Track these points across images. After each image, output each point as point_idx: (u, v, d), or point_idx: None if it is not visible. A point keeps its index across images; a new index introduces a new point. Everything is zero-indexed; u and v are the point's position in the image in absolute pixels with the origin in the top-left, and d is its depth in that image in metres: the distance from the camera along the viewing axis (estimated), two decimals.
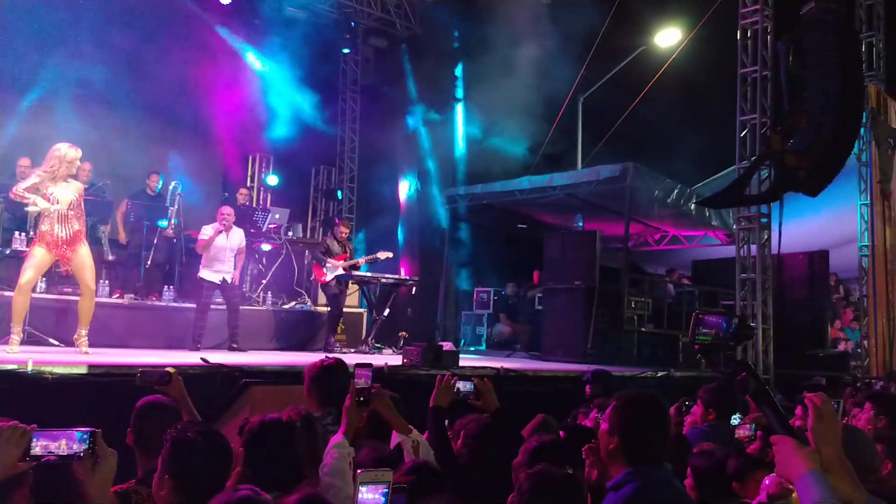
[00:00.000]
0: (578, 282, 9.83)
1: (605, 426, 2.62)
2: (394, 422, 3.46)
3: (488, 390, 3.80)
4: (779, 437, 1.96)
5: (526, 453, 3.05)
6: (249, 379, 5.74)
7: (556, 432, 3.96)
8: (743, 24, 10.43)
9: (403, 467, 2.93)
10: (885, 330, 11.79)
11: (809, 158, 9.68)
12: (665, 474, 2.58)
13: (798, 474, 1.87)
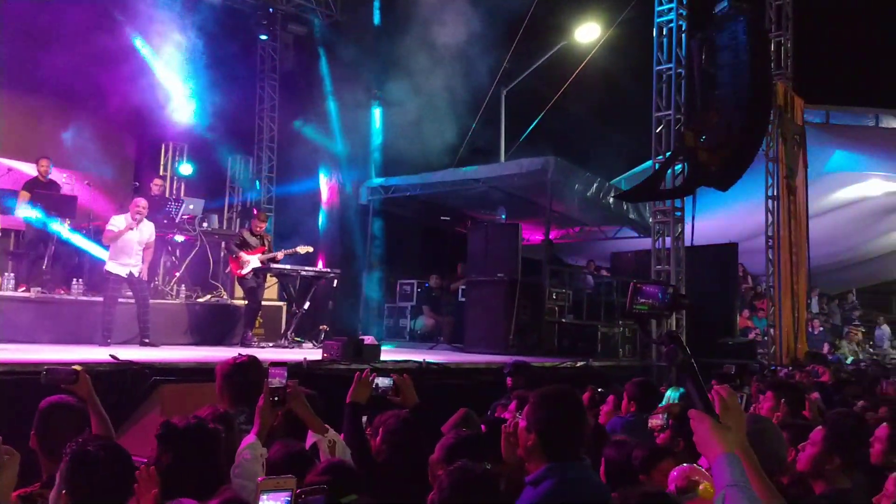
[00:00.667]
0: (501, 274, 9.91)
1: (522, 423, 2.63)
2: (309, 421, 3.39)
3: (407, 386, 3.76)
4: (697, 413, 1.98)
5: (443, 450, 3.03)
6: (160, 377, 5.51)
7: (478, 426, 3.96)
8: (659, 22, 10.68)
9: (318, 467, 2.86)
10: (791, 319, 12.37)
11: (720, 154, 10.04)
12: (583, 469, 2.61)
13: (714, 455, 1.90)
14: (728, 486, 1.82)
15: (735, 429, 2.01)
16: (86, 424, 3.26)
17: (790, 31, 12.95)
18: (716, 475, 1.88)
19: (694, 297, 11.53)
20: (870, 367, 12.29)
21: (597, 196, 11.83)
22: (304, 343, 9.41)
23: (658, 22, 10.68)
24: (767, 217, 12.56)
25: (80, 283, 8.62)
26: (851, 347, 17.68)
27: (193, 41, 11.58)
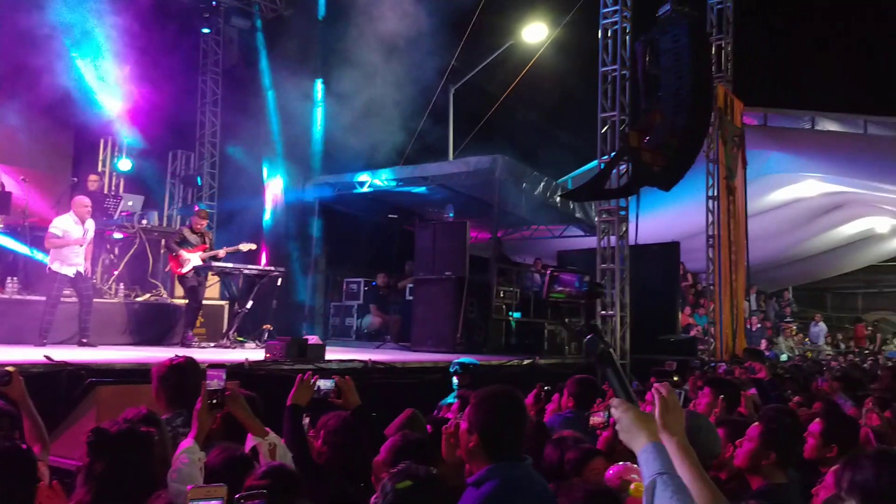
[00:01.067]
0: (448, 272, 9.89)
1: (464, 425, 2.62)
2: (249, 424, 3.32)
3: (349, 388, 3.72)
4: (620, 402, 1.99)
5: (388, 451, 3.01)
6: (96, 378, 5.33)
7: (424, 427, 3.94)
8: (604, 23, 10.79)
9: (258, 471, 2.80)
10: (730, 316, 12.69)
11: (663, 155, 10.22)
12: (525, 469, 2.61)
13: (639, 445, 1.91)
14: (657, 474, 1.83)
15: (675, 425, 2.03)
16: (17, 428, 3.15)
17: (730, 35, 13.28)
18: (643, 464, 1.89)
19: (638, 295, 11.73)
20: (805, 363, 12.70)
21: (544, 195, 11.93)
22: (246, 343, 9.24)
23: (603, 24, 10.80)
24: (708, 216, 12.86)
25: (16, 281, 8.39)
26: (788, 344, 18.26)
27: (134, 34, 11.26)
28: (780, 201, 17.37)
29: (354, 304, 12.25)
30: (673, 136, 10.20)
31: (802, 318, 23.21)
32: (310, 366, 6.35)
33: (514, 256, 15.12)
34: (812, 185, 17.06)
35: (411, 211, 13.51)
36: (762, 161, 14.56)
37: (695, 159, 10.79)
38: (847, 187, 16.99)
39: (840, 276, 28.23)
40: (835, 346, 21.91)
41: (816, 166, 15.73)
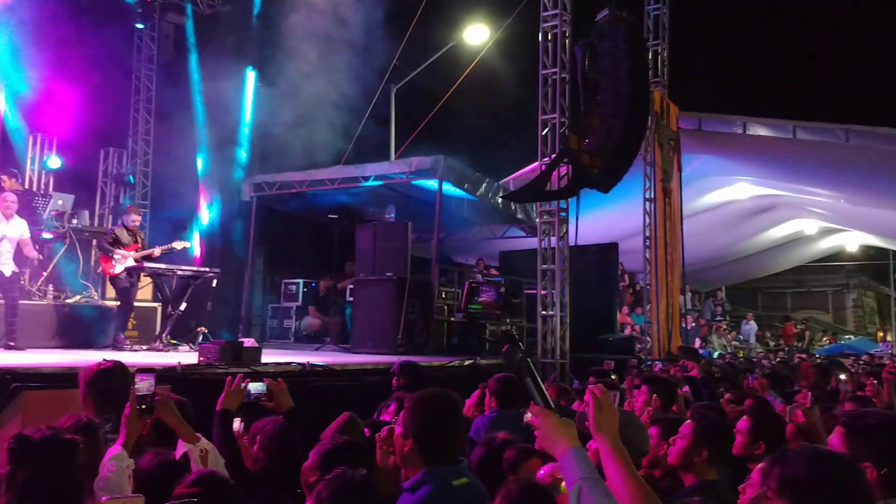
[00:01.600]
0: (390, 273, 9.84)
1: (398, 429, 2.59)
2: (179, 430, 3.26)
3: (281, 391, 3.66)
4: (540, 409, 2.01)
5: (317, 456, 2.97)
6: (22, 383, 5.13)
7: (362, 430, 3.91)
8: (544, 27, 10.91)
9: (188, 478, 2.73)
10: (665, 315, 12.98)
11: (602, 157, 10.40)
12: (460, 471, 2.60)
13: (560, 451, 1.93)
14: (582, 479, 1.86)
15: (608, 426, 2.06)
16: None
17: (666, 41, 13.59)
18: (565, 469, 1.91)
19: (577, 295, 11.90)
20: (737, 361, 13.08)
21: (486, 196, 11.98)
22: (180, 346, 9.03)
23: (543, 27, 10.91)
24: (645, 218, 13.12)
25: None
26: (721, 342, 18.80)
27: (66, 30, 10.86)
28: (714, 203, 17.87)
29: (293, 305, 12.06)
30: (611, 139, 10.39)
31: (735, 317, 23.94)
32: (245, 369, 6.24)
33: (457, 257, 15.17)
34: (744, 188, 17.60)
35: (352, 211, 13.38)
36: (697, 164, 14.94)
37: (632, 162, 11.01)
38: (777, 190, 17.59)
39: (770, 276, 29.28)
40: (765, 344, 22.68)
41: (748, 170, 16.22)
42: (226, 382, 3.60)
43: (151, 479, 2.88)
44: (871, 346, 24.33)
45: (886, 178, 14.31)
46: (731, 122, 14.39)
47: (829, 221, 21.36)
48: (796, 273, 31.44)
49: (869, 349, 22.76)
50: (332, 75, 10.87)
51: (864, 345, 24.87)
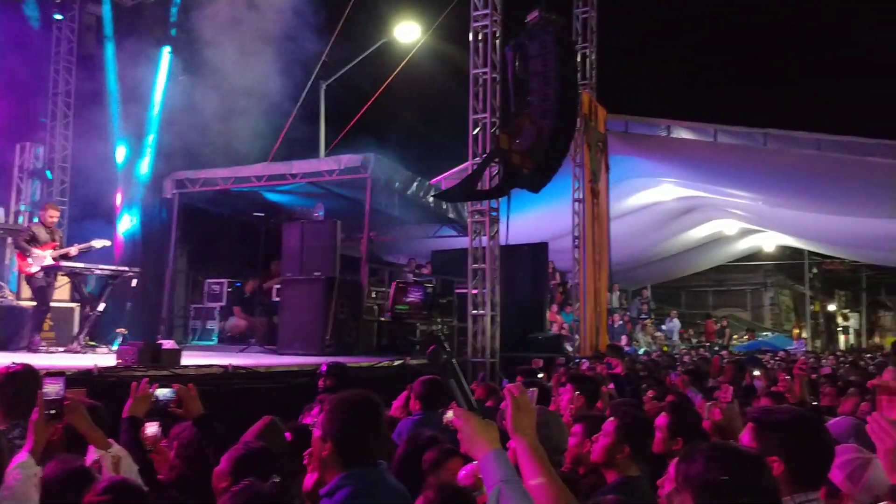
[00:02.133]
0: (318, 272, 9.67)
1: (317, 433, 2.53)
2: (90, 436, 3.14)
3: (191, 397, 3.55)
4: (462, 411, 2.00)
5: (229, 461, 2.89)
6: None
7: (283, 435, 3.81)
8: (474, 26, 10.93)
9: (98, 486, 2.61)
10: (593, 314, 13.23)
11: (532, 158, 10.50)
12: (379, 473, 2.56)
13: (481, 454, 1.92)
14: (502, 482, 1.86)
15: (526, 426, 2.06)
16: None
17: (594, 44, 13.84)
18: (486, 472, 1.91)
19: (508, 294, 11.99)
20: (661, 357, 13.43)
21: (417, 194, 11.93)
22: (98, 348, 8.66)
23: (473, 27, 10.94)
24: (574, 218, 13.34)
25: None
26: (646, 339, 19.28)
27: None
28: (640, 205, 18.33)
29: (217, 305, 11.73)
30: (541, 139, 10.49)
31: (660, 315, 24.61)
32: (164, 372, 6.05)
33: (388, 256, 15.08)
34: (668, 189, 18.11)
35: (279, 209, 13.11)
36: (623, 166, 15.28)
37: (562, 163, 11.15)
38: (699, 192, 18.17)
39: (693, 276, 30.26)
40: (688, 341, 23.39)
41: (672, 172, 16.69)
42: (131, 388, 3.48)
43: (59, 487, 2.73)
44: (786, 343, 25.44)
45: (801, 180, 14.97)
46: (656, 125, 14.77)
47: (747, 222, 22.21)
48: (717, 272, 32.63)
49: (785, 346, 23.80)
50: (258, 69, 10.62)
51: (780, 342, 26.00)
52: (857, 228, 18.41)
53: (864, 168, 13.36)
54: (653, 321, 20.93)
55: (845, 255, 29.30)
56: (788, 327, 36.71)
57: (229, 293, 11.72)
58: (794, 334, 33.82)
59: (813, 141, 13.24)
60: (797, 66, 50.16)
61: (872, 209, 16.37)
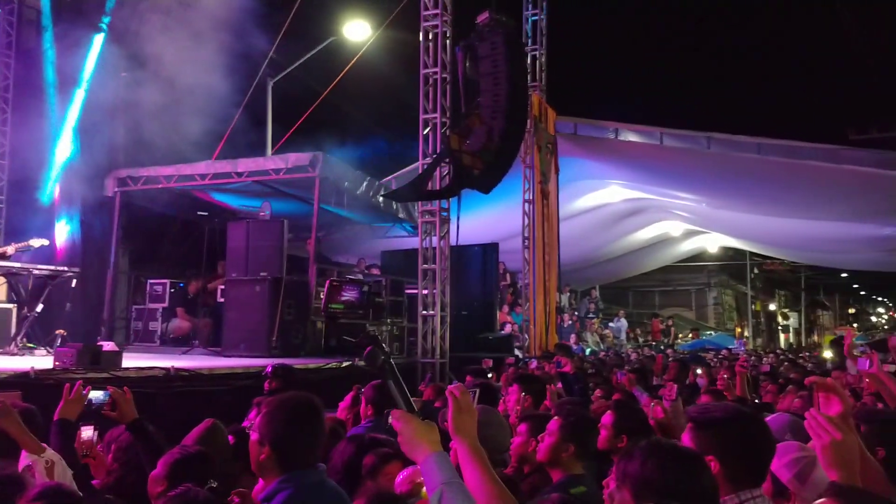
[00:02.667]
0: (264, 273, 9.51)
1: (254, 436, 2.48)
2: (22, 440, 3.08)
3: (125, 401, 3.45)
4: (402, 413, 1.98)
5: (164, 466, 2.81)
6: None
7: (225, 438, 3.74)
8: (425, 26, 10.91)
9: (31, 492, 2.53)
10: (543, 314, 13.34)
11: (482, 158, 10.52)
12: (318, 476, 2.53)
13: (422, 457, 1.90)
14: (444, 485, 1.85)
15: (467, 427, 2.05)
16: None
17: (544, 47, 13.97)
18: (426, 474, 1.90)
19: (458, 295, 12.00)
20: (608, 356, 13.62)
21: (367, 194, 11.84)
22: (36, 350, 8.38)
23: (424, 26, 10.92)
24: (524, 219, 13.44)
25: None
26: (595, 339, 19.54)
27: None
28: (589, 206, 18.57)
29: (159, 307, 11.43)
30: (491, 140, 10.52)
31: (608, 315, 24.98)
32: (104, 374, 5.90)
33: (337, 256, 14.93)
34: (616, 191, 18.38)
35: (224, 208, 12.86)
36: (573, 168, 15.45)
37: (512, 164, 11.21)
38: (645, 194, 18.49)
39: (640, 276, 30.83)
40: (634, 341, 23.80)
41: (620, 174, 16.95)
42: (64, 390, 3.40)
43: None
44: (729, 342, 26.13)
45: (743, 183, 15.35)
46: (604, 128, 14.97)
47: (692, 224, 22.71)
48: (663, 273, 33.31)
49: (727, 344, 24.43)
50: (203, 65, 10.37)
51: (723, 340, 26.69)
52: (797, 230, 18.99)
53: (802, 171, 13.77)
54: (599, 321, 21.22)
55: (785, 256, 30.21)
56: (731, 326, 37.71)
57: (172, 294, 11.42)
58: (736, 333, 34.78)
59: (754, 145, 13.58)
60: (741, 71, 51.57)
61: (811, 211, 16.91)
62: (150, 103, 10.43)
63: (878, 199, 14.81)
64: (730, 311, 40.34)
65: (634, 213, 20.45)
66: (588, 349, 17.24)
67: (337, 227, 14.17)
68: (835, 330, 47.15)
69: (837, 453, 2.01)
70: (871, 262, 24.13)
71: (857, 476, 2.00)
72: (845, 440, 2.02)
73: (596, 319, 20.83)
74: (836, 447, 2.01)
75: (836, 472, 1.98)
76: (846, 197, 14.97)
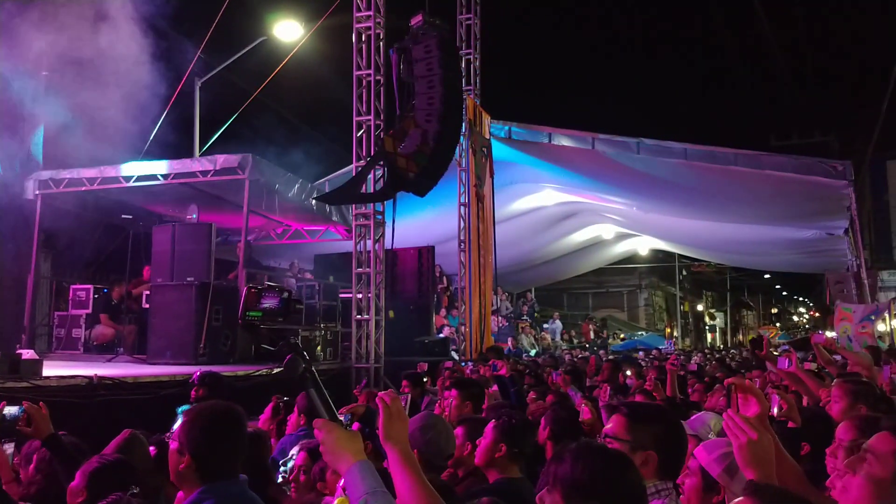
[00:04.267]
0: (191, 277, 9.20)
1: (174, 445, 2.38)
2: None
3: (41, 415, 3.30)
4: (324, 422, 1.94)
5: (84, 476, 2.69)
6: None
7: (146, 449, 3.59)
8: (358, 27, 10.82)
9: None
10: (478, 317, 13.37)
11: (417, 162, 10.48)
12: (240, 486, 2.47)
13: (345, 467, 1.86)
14: (368, 494, 1.82)
15: (398, 433, 2.00)
16: None
17: (478, 51, 14.04)
18: (350, 485, 1.86)
19: (394, 298, 11.90)
20: (543, 358, 13.73)
21: (299, 197, 11.62)
22: None
23: (357, 28, 10.82)
24: (459, 222, 13.44)
25: None
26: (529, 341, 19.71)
27: None
28: (524, 209, 18.73)
29: (83, 313, 10.96)
30: (426, 143, 10.50)
31: (545, 317, 25.29)
32: (23, 383, 5.64)
33: (269, 260, 14.62)
34: (550, 194, 18.60)
35: (150, 211, 12.42)
36: (507, 171, 15.55)
37: (447, 167, 11.20)
38: (579, 197, 18.77)
39: (574, 278, 31.33)
40: (569, 342, 24.14)
41: (553, 177, 17.15)
42: None
43: None
44: (659, 342, 26.82)
45: (671, 188, 15.74)
46: (538, 132, 15.11)
47: (623, 227, 23.18)
48: (597, 275, 33.96)
49: (658, 344, 25.06)
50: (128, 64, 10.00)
51: (653, 340, 27.38)
52: (721, 233, 19.60)
53: (726, 176, 14.21)
54: (531, 323, 21.41)
55: (711, 257, 31.18)
56: (661, 326, 38.74)
57: (96, 300, 10.95)
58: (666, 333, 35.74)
59: (681, 150, 13.94)
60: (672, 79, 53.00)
61: (734, 215, 17.47)
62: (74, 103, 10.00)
63: (797, 202, 15.41)
64: (660, 311, 41.43)
65: (568, 216, 20.75)
66: (524, 351, 17.36)
67: (269, 230, 13.88)
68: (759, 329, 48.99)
69: (753, 453, 2.06)
70: (792, 264, 25.12)
71: (773, 475, 2.05)
72: (761, 440, 2.07)
73: (528, 322, 21.00)
74: (752, 447, 2.06)
75: (752, 471, 2.03)
76: (768, 201, 15.52)
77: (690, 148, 14.03)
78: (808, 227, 17.39)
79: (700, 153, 14.05)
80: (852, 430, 2.64)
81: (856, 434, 2.53)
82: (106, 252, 12.58)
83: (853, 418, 2.81)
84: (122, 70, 9.93)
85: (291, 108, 14.98)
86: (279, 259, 14.97)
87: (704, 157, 14.04)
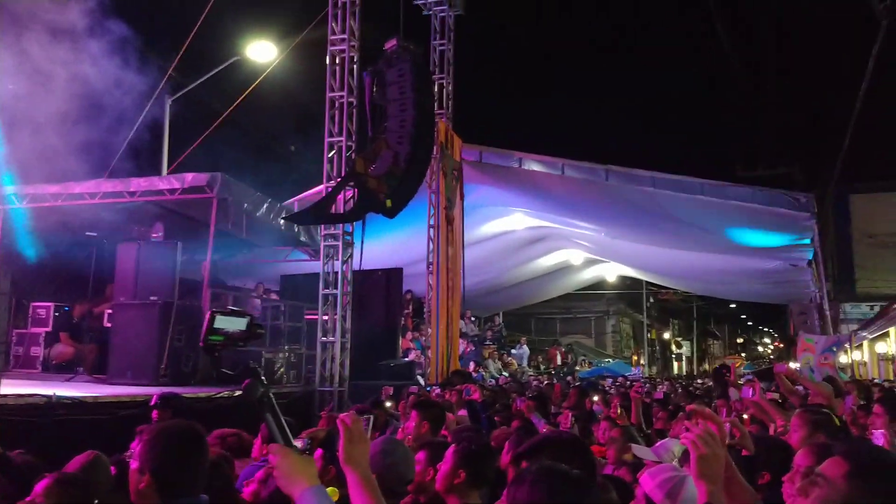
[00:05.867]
0: (154, 297, 9.06)
1: (134, 464, 2.36)
2: None
3: None
4: (279, 447, 1.94)
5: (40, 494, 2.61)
6: None
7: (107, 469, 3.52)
8: (331, 50, 10.86)
9: None
10: (445, 340, 13.33)
11: (387, 183, 10.49)
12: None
13: (298, 490, 1.86)
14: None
15: (358, 456, 2.00)
16: None
17: (451, 76, 14.18)
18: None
19: (360, 320, 11.81)
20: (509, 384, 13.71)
21: (267, 217, 11.54)
22: None
23: (331, 50, 10.86)
24: (429, 244, 13.45)
25: None
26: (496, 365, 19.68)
27: None
28: (493, 233, 18.81)
29: (42, 331, 10.72)
30: (397, 165, 10.52)
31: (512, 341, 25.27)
32: None
33: (235, 280, 14.45)
34: (519, 218, 18.73)
35: (114, 229, 12.22)
36: (478, 194, 15.64)
37: (417, 189, 11.23)
38: (547, 222, 18.92)
39: (542, 303, 31.43)
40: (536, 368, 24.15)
41: (523, 202, 17.28)
42: None
43: None
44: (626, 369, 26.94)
45: (639, 215, 15.95)
46: (509, 157, 15.26)
47: (591, 253, 23.38)
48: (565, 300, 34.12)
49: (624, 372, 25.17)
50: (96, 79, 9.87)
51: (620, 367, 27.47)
52: (687, 261, 19.87)
53: (693, 205, 14.45)
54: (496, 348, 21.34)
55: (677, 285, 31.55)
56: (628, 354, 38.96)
57: (56, 318, 10.72)
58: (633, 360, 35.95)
59: (648, 178, 14.15)
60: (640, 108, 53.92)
61: (701, 244, 17.73)
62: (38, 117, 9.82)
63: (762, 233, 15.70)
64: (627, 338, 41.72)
65: (537, 240, 20.87)
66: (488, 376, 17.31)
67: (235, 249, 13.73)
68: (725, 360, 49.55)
69: (707, 465, 2.10)
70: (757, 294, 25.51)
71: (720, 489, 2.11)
72: (715, 454, 2.12)
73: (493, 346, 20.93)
74: (704, 460, 2.11)
75: (703, 484, 2.08)
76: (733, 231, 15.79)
77: (658, 176, 14.25)
78: (773, 259, 17.70)
79: (667, 182, 14.28)
80: (809, 456, 2.67)
81: (813, 461, 2.57)
82: (68, 269, 12.33)
83: (811, 445, 2.86)
84: (91, 85, 9.81)
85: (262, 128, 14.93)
86: (244, 279, 14.80)
87: (672, 185, 14.27)
